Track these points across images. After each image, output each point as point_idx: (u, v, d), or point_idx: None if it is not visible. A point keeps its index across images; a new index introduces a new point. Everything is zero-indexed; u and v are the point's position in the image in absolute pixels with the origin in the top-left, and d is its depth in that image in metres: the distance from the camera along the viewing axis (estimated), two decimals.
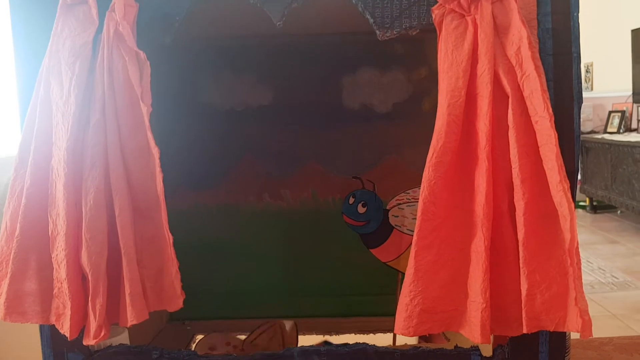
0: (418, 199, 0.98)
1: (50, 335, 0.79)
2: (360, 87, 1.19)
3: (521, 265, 0.66)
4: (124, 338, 0.84)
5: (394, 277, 1.22)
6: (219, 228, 1.23)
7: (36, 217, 0.72)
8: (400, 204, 1.00)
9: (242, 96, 1.20)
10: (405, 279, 0.71)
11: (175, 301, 0.72)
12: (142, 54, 0.72)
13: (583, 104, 0.73)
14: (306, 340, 1.17)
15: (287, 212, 1.23)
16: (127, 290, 0.70)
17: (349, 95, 1.20)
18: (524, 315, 0.66)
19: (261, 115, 1.21)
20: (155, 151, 0.71)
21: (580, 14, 0.71)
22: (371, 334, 1.19)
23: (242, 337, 1.15)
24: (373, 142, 1.21)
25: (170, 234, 0.72)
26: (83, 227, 0.70)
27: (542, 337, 0.74)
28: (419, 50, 1.18)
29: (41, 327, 0.79)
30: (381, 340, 1.11)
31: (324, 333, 1.18)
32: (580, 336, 0.64)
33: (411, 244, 1.01)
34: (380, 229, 1.01)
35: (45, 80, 0.72)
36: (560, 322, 0.67)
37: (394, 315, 1.22)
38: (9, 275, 0.73)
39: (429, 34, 1.14)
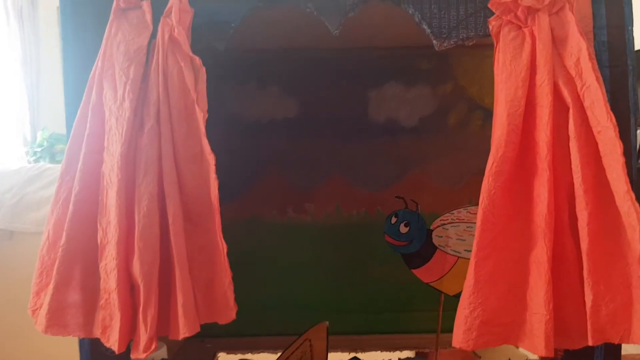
0: (462, 219, 0.99)
1: (89, 350, 0.76)
2: (386, 101, 1.19)
3: (585, 276, 0.65)
4: (163, 353, 0.82)
5: (419, 294, 1.21)
6: (241, 241, 1.20)
7: (84, 225, 0.70)
8: (444, 224, 0.99)
9: (267, 108, 1.19)
10: (464, 291, 0.70)
11: (228, 313, 0.71)
12: (198, 60, 0.71)
13: None
14: (332, 358, 1.14)
15: (311, 226, 1.21)
16: (180, 301, 0.68)
17: (375, 109, 1.20)
18: (589, 327, 0.65)
19: (286, 128, 1.20)
20: (211, 158, 0.70)
21: None
22: (397, 352, 1.17)
23: (267, 355, 1.13)
24: (398, 156, 1.20)
25: (224, 243, 0.70)
26: (136, 234, 0.68)
27: (597, 351, 0.74)
28: (444, 65, 1.18)
29: (80, 342, 0.77)
30: None
31: (349, 350, 1.16)
32: None
33: (455, 264, 1.01)
34: (423, 249, 0.99)
35: (97, 85, 0.70)
36: (625, 334, 0.66)
37: (418, 332, 1.21)
38: (52, 286, 0.71)
39: (455, 49, 1.15)
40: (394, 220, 1.01)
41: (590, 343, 0.65)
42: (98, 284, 0.71)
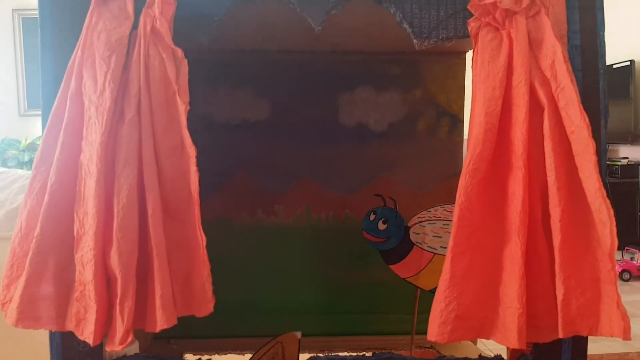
0: (439, 217, 1.01)
1: (61, 345, 0.74)
2: (356, 105, 1.21)
3: (557, 271, 0.68)
4: (135, 348, 0.81)
5: (384, 297, 1.23)
6: (209, 242, 1.18)
7: (59, 216, 0.69)
8: (421, 221, 1.01)
9: (239, 110, 1.19)
10: (439, 286, 0.71)
11: (206, 305, 0.70)
12: (180, 52, 0.70)
13: None
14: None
15: (280, 228, 1.21)
16: (158, 293, 0.67)
17: (346, 113, 1.21)
18: (560, 320, 0.67)
19: (257, 130, 1.20)
20: (192, 150, 0.70)
21: None
22: (363, 353, 1.18)
23: (234, 356, 1.12)
24: (367, 160, 1.22)
25: (203, 235, 0.70)
26: (114, 225, 0.67)
27: (564, 346, 0.76)
28: (414, 72, 1.20)
29: (51, 336, 0.75)
30: None
31: (316, 351, 1.16)
32: (623, 339, 0.65)
33: (431, 260, 1.03)
34: (400, 245, 1.01)
35: (77, 74, 0.69)
36: (594, 327, 0.68)
37: (383, 334, 1.22)
38: (24, 278, 0.69)
39: (425, 56, 1.18)
40: (372, 217, 1.02)
41: (560, 335, 0.67)
42: (72, 276, 0.70)
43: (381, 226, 1.01)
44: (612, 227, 0.65)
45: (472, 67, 0.73)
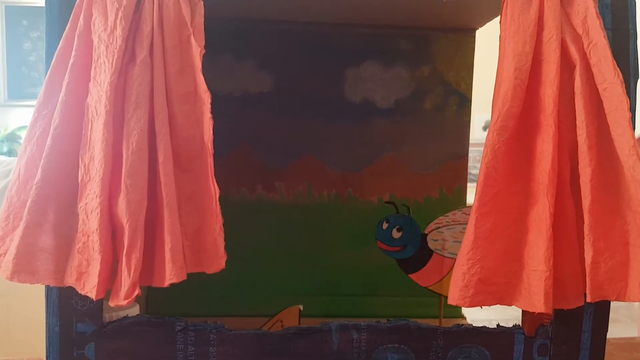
0: (457, 221, 0.97)
1: (58, 303, 0.70)
2: (363, 81, 1.17)
3: (586, 233, 0.65)
4: (136, 310, 0.76)
5: (385, 279, 1.19)
6: None
7: (62, 162, 0.65)
8: (439, 227, 0.96)
9: (241, 81, 1.15)
10: (462, 248, 0.68)
11: (217, 262, 0.66)
12: None
13: None
14: None
15: (280, 206, 1.17)
16: (168, 245, 0.63)
17: (351, 89, 1.17)
18: (588, 284, 0.65)
19: (259, 103, 1.16)
20: (206, 96, 0.66)
21: None
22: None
23: None
24: (373, 137, 1.18)
25: (216, 187, 0.66)
26: (123, 172, 0.63)
27: (586, 316, 0.73)
28: (424, 48, 1.17)
29: (47, 293, 0.70)
30: None
31: None
32: None
33: (453, 266, 1.00)
34: (418, 253, 0.96)
35: (85, 10, 0.65)
36: (622, 292, 0.65)
37: (383, 316, 1.19)
38: (22, 228, 0.64)
39: (435, 32, 1.15)
40: (385, 225, 0.98)
41: (588, 299, 0.65)
42: (73, 228, 0.66)
43: (395, 234, 0.97)
44: None
45: (500, 21, 0.70)
